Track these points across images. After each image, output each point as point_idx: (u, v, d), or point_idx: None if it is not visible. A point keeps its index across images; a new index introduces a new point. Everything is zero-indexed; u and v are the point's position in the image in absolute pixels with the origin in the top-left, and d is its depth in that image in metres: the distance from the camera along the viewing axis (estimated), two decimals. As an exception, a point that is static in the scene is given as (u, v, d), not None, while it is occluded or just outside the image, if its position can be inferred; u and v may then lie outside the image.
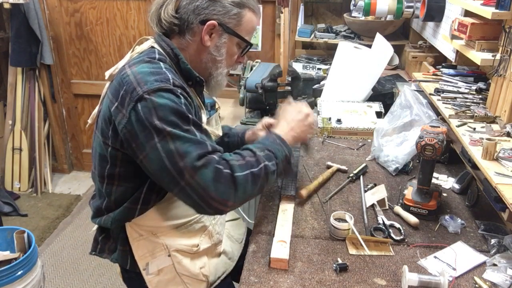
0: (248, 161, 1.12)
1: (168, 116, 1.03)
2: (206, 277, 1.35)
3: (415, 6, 2.40)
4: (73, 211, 3.24)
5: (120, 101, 1.07)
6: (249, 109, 2.31)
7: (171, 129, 1.03)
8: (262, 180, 1.12)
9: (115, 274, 2.55)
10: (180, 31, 1.20)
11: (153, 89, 1.04)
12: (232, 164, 1.08)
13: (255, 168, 1.11)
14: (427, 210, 1.36)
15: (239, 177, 1.07)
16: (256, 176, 1.10)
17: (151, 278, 1.27)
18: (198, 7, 1.16)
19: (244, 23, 1.22)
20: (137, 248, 1.25)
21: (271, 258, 1.17)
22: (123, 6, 3.24)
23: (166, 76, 1.08)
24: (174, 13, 1.17)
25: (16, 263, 1.87)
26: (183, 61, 1.19)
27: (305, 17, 3.04)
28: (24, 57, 3.15)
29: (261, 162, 1.13)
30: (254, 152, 1.15)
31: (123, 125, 1.06)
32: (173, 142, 1.03)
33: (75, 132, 3.72)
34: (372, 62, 2.17)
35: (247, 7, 1.21)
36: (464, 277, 1.14)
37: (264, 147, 1.18)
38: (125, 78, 1.08)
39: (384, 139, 1.72)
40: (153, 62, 1.13)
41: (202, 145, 1.06)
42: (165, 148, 1.03)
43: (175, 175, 1.03)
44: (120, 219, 1.23)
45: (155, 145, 1.03)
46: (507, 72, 1.42)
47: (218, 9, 1.17)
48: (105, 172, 1.18)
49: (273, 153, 1.18)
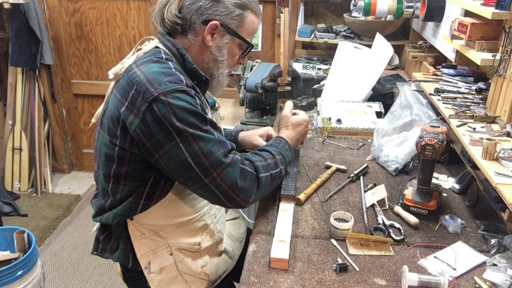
0: (269, 163, 1.24)
1: (187, 118, 1.07)
2: (207, 276, 1.35)
3: (415, 6, 2.40)
4: (73, 211, 3.24)
5: (130, 101, 1.08)
6: (249, 109, 2.31)
7: (193, 130, 1.07)
8: (276, 181, 1.28)
9: (115, 274, 2.55)
10: (183, 31, 1.22)
11: (169, 91, 1.06)
12: (257, 165, 1.20)
13: (274, 170, 1.24)
14: (427, 210, 1.36)
15: (262, 177, 1.20)
16: (274, 177, 1.24)
17: (153, 276, 1.27)
18: (201, 7, 1.18)
19: (246, 24, 1.24)
20: (139, 246, 1.26)
21: (271, 258, 1.17)
22: (123, 6, 3.24)
23: (179, 77, 1.10)
24: (177, 13, 1.19)
25: (16, 263, 1.87)
26: (188, 61, 1.21)
27: (305, 17, 3.04)
28: (24, 57, 3.15)
29: (279, 165, 1.27)
30: (274, 155, 1.28)
31: (136, 125, 1.07)
32: (196, 143, 1.08)
33: (75, 132, 3.72)
34: (372, 62, 2.17)
35: (249, 9, 1.23)
36: (464, 277, 1.14)
37: (278, 151, 1.31)
38: (134, 78, 1.09)
39: (384, 139, 1.72)
40: (162, 62, 1.14)
41: (223, 143, 1.14)
42: (188, 149, 1.07)
43: (199, 174, 1.09)
44: (122, 214, 1.22)
45: (177, 145, 1.07)
46: (507, 72, 1.42)
47: (220, 10, 1.19)
48: (111, 172, 1.18)
49: (284, 158, 1.32)
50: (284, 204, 1.42)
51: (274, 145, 1.35)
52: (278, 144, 1.36)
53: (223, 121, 2.38)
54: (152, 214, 1.24)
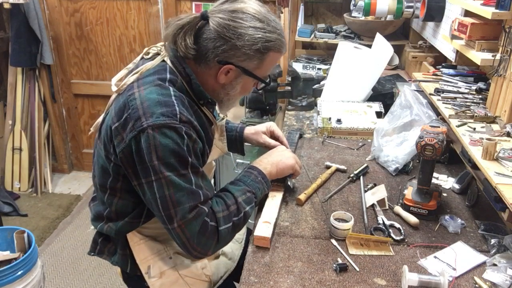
0: (231, 211, 1.15)
1: (167, 158, 1.03)
2: (208, 277, 1.35)
3: (415, 6, 2.40)
4: (73, 211, 3.24)
5: (122, 124, 1.06)
6: (249, 109, 2.31)
7: (169, 173, 1.03)
8: (240, 226, 1.18)
9: (115, 274, 2.55)
10: (196, 60, 1.14)
11: (158, 125, 1.02)
12: (218, 217, 1.11)
13: (236, 217, 1.15)
14: (427, 210, 1.36)
15: (223, 230, 1.11)
16: (236, 225, 1.15)
17: (153, 281, 1.26)
18: (219, 48, 1.09)
19: (265, 65, 1.16)
20: (138, 252, 1.25)
21: (254, 236, 1.24)
22: (123, 6, 3.24)
23: (174, 110, 1.04)
24: (192, 45, 1.10)
25: (16, 263, 1.86)
26: (195, 82, 1.15)
27: (305, 17, 3.04)
28: (24, 57, 3.15)
29: (241, 210, 1.16)
30: (236, 198, 1.17)
31: (121, 149, 1.07)
32: (168, 188, 1.04)
33: (75, 132, 3.72)
34: (372, 62, 2.17)
35: (271, 51, 1.13)
36: (464, 277, 1.14)
37: (245, 190, 1.20)
38: (131, 101, 1.06)
39: (384, 139, 1.72)
40: (163, 87, 1.08)
41: (195, 195, 1.07)
42: (159, 191, 1.05)
43: (165, 219, 1.06)
44: (124, 231, 1.24)
45: (151, 182, 1.05)
46: (507, 72, 1.42)
47: (238, 54, 1.11)
48: (107, 184, 1.19)
49: (254, 194, 1.21)
50: (273, 192, 1.45)
51: (241, 181, 1.23)
52: (247, 179, 1.24)
53: (223, 121, 2.38)
54: (151, 225, 1.24)
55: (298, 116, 2.22)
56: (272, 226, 1.28)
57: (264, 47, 1.11)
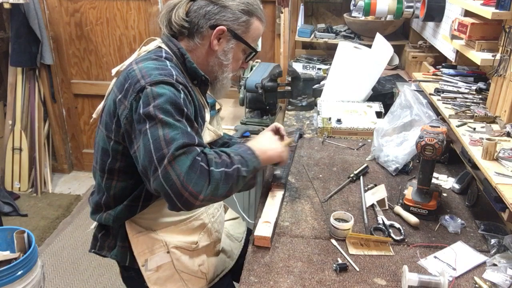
0: (223, 160, 1.11)
1: (164, 104, 1.05)
2: (204, 275, 1.35)
3: (415, 6, 2.40)
4: (73, 211, 3.24)
5: (124, 93, 1.11)
6: (249, 109, 2.31)
7: (163, 116, 1.04)
8: (232, 181, 1.11)
9: (115, 274, 2.55)
10: (189, 34, 1.24)
11: (156, 81, 1.07)
12: (210, 158, 1.07)
13: (229, 168, 1.10)
14: (427, 210, 1.36)
15: (214, 172, 1.06)
16: (229, 175, 1.09)
17: (150, 274, 1.28)
18: (209, 13, 1.21)
19: (251, 30, 1.26)
20: (136, 244, 1.26)
21: (255, 236, 1.25)
22: (123, 6, 3.23)
23: (170, 72, 1.12)
24: (185, 17, 1.21)
25: (16, 263, 1.86)
26: (189, 60, 1.22)
27: (305, 17, 3.04)
28: (24, 57, 3.15)
29: (234, 163, 1.12)
30: (229, 154, 1.14)
31: (125, 116, 1.09)
32: (163, 128, 1.03)
33: (75, 132, 3.72)
34: (372, 62, 2.17)
35: (255, 16, 1.26)
36: (464, 277, 1.14)
37: (237, 153, 1.17)
38: (131, 73, 1.12)
39: (384, 139, 1.72)
40: (159, 60, 1.17)
41: (190, 136, 1.06)
42: (153, 134, 1.03)
43: (156, 163, 1.01)
44: (122, 217, 1.24)
45: (146, 131, 1.04)
46: (507, 72, 1.42)
47: (228, 16, 1.22)
48: (106, 166, 1.21)
49: (245, 160, 1.17)
50: (274, 191, 1.47)
51: (232, 148, 1.23)
52: (238, 148, 1.23)
53: (223, 121, 2.38)
54: (149, 209, 1.25)
55: (298, 116, 2.22)
56: (272, 226, 1.28)
57: (249, 9, 1.24)
